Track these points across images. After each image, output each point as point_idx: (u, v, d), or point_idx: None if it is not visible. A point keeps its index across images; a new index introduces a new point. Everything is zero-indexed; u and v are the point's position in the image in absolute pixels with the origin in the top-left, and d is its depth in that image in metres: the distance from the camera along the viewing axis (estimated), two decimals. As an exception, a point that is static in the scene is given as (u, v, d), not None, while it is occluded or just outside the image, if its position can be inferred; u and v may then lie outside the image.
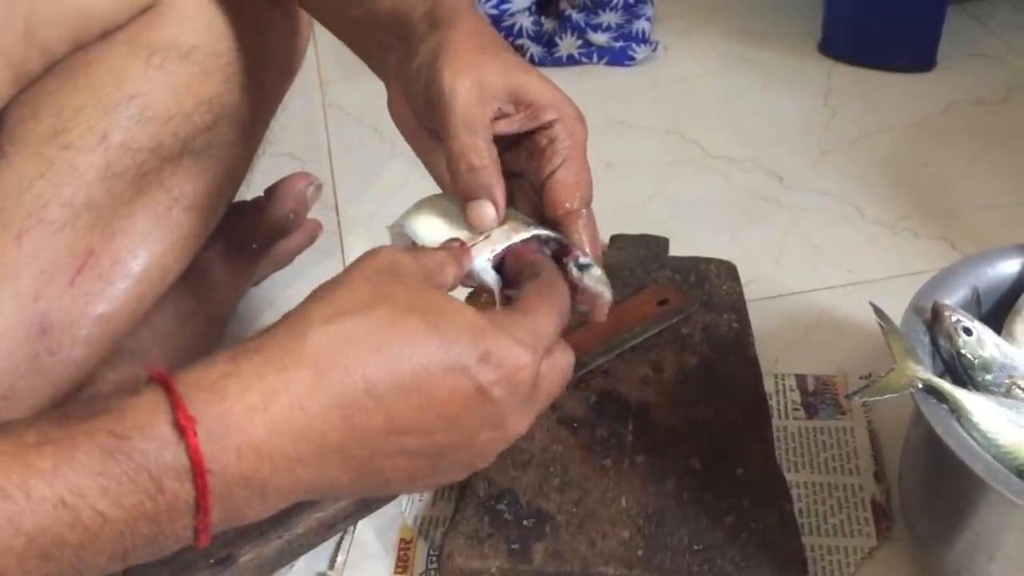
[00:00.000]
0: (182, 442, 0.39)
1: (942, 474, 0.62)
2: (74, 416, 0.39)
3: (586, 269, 0.54)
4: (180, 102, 0.68)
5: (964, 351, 0.63)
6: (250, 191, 0.87)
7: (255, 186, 0.87)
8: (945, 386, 0.59)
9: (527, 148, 0.57)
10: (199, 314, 0.83)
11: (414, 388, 0.44)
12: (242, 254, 0.90)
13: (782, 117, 1.21)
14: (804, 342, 0.88)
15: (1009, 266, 0.70)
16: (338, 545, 0.71)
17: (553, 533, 0.67)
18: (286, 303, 0.47)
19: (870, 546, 0.69)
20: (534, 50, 1.33)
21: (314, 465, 0.43)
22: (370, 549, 0.71)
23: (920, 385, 0.59)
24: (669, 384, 0.78)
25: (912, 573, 0.68)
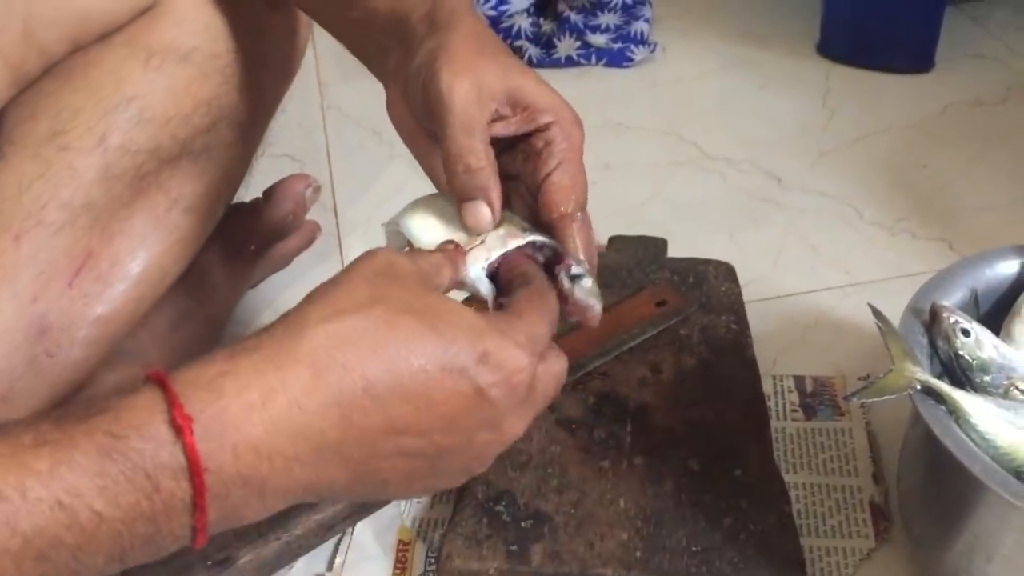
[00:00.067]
0: (178, 441, 0.39)
1: (940, 475, 0.62)
2: (71, 417, 0.39)
3: (577, 280, 0.54)
4: (179, 104, 0.68)
5: (962, 352, 0.63)
6: (249, 192, 0.87)
7: (254, 187, 0.87)
8: (943, 387, 0.59)
9: (523, 151, 0.57)
10: (197, 315, 0.83)
11: (412, 388, 0.44)
12: (240, 255, 0.90)
13: (780, 118, 1.21)
14: (802, 343, 0.88)
15: (1007, 267, 0.70)
16: (336, 547, 0.71)
17: (551, 534, 0.67)
18: (284, 304, 0.47)
19: (868, 547, 0.69)
20: (533, 51, 1.33)
21: (312, 464, 0.43)
22: (368, 550, 0.71)
23: (918, 386, 0.59)
24: (667, 385, 0.78)
25: (910, 574, 0.68)
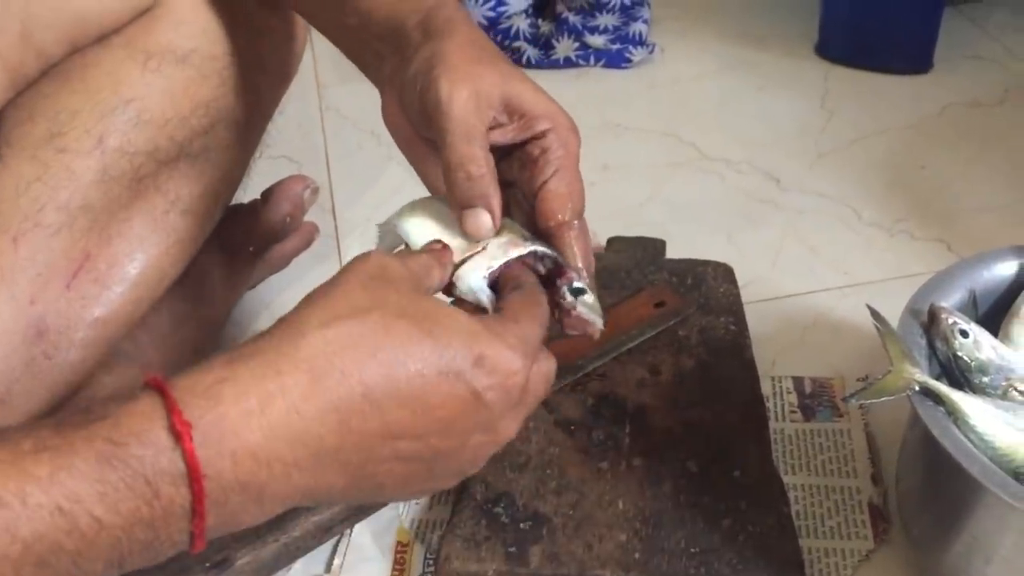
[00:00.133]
0: (178, 447, 0.39)
1: (939, 476, 0.62)
2: (70, 423, 0.39)
3: (579, 295, 0.54)
4: (177, 106, 0.68)
5: (961, 353, 0.63)
6: (247, 194, 0.87)
7: (252, 189, 0.87)
8: (942, 388, 0.59)
9: (519, 158, 0.57)
10: (195, 317, 0.83)
11: (409, 393, 0.44)
12: (239, 257, 0.90)
13: (779, 119, 1.21)
14: (801, 344, 0.88)
15: (1006, 268, 0.70)
16: (335, 548, 0.71)
17: (550, 536, 0.67)
18: (282, 306, 0.47)
19: (867, 548, 0.69)
20: (531, 52, 1.33)
21: (310, 469, 0.43)
22: (367, 552, 0.71)
23: (917, 387, 0.59)
24: (666, 387, 0.78)
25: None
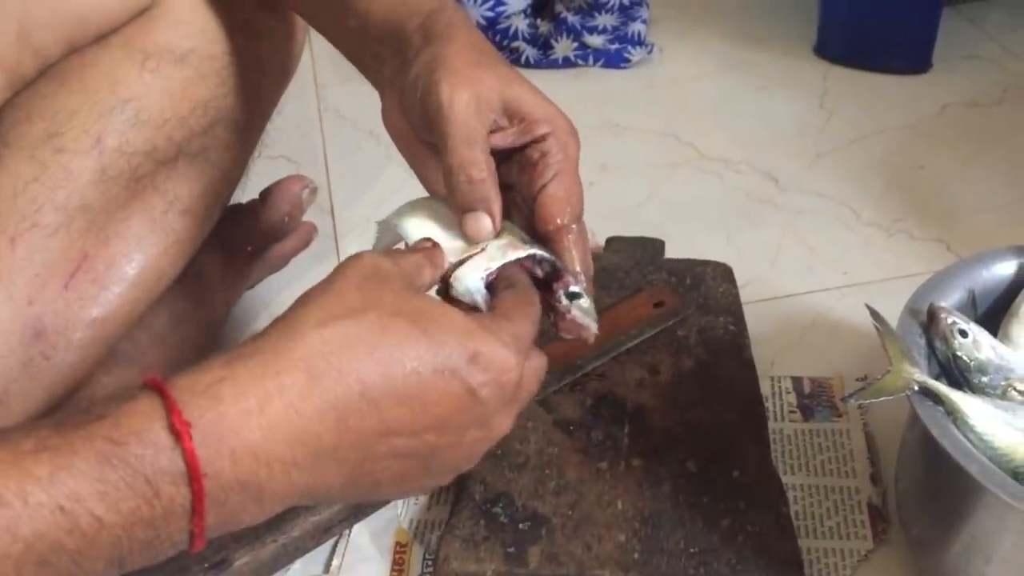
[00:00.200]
0: (178, 447, 0.39)
1: (938, 476, 0.62)
2: (70, 423, 0.39)
3: (575, 299, 0.54)
4: (175, 106, 0.68)
5: (960, 353, 0.63)
6: (245, 194, 0.87)
7: (250, 189, 0.87)
8: (941, 388, 0.59)
9: (518, 161, 0.57)
10: (194, 317, 0.83)
11: (406, 391, 0.44)
12: (237, 257, 0.89)
13: (778, 119, 1.21)
14: (800, 344, 0.88)
15: (1005, 268, 0.70)
16: (333, 549, 0.71)
17: (549, 536, 0.67)
18: (281, 306, 0.47)
19: (866, 548, 0.69)
20: (530, 52, 1.33)
21: (309, 468, 0.43)
22: (365, 553, 0.71)
23: (916, 387, 0.59)
24: (665, 387, 0.78)
25: (908, 576, 0.68)
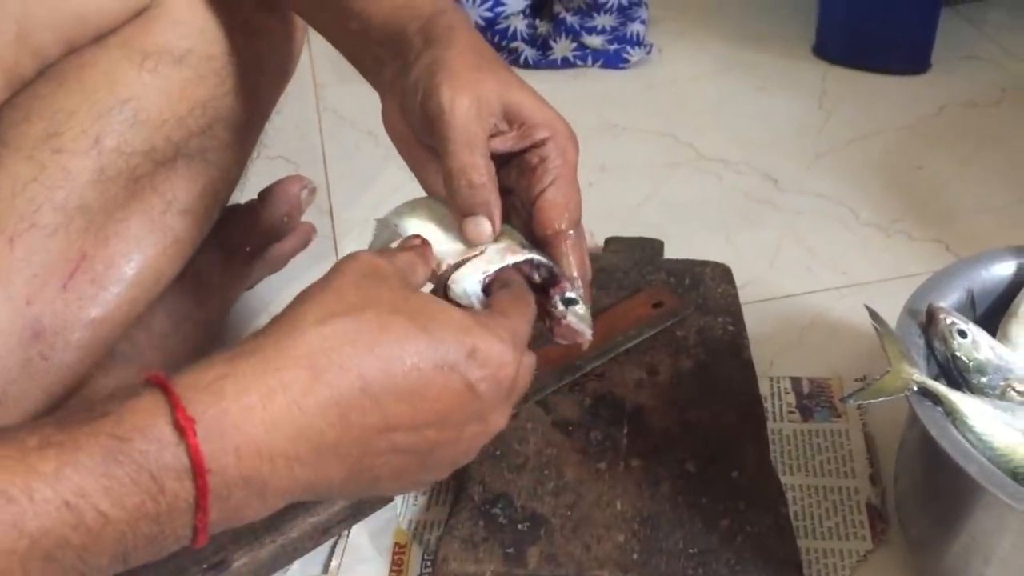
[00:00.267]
0: (182, 442, 0.40)
1: (937, 477, 0.62)
2: (74, 420, 0.40)
3: (571, 305, 0.55)
4: (174, 106, 0.68)
5: (959, 353, 0.63)
6: (244, 195, 0.87)
7: (249, 189, 0.87)
8: (940, 389, 0.59)
9: (518, 166, 0.57)
10: (193, 318, 0.83)
11: (407, 386, 0.45)
12: (236, 257, 0.89)
13: (777, 120, 1.21)
14: (799, 345, 0.88)
15: (1003, 268, 0.70)
16: (332, 549, 0.71)
17: (548, 537, 0.67)
18: (280, 307, 0.47)
19: (865, 549, 0.69)
20: (528, 53, 1.33)
21: (311, 463, 0.43)
22: (364, 553, 0.71)
23: (915, 388, 0.59)
24: (664, 387, 0.78)
25: (907, 576, 0.68)
